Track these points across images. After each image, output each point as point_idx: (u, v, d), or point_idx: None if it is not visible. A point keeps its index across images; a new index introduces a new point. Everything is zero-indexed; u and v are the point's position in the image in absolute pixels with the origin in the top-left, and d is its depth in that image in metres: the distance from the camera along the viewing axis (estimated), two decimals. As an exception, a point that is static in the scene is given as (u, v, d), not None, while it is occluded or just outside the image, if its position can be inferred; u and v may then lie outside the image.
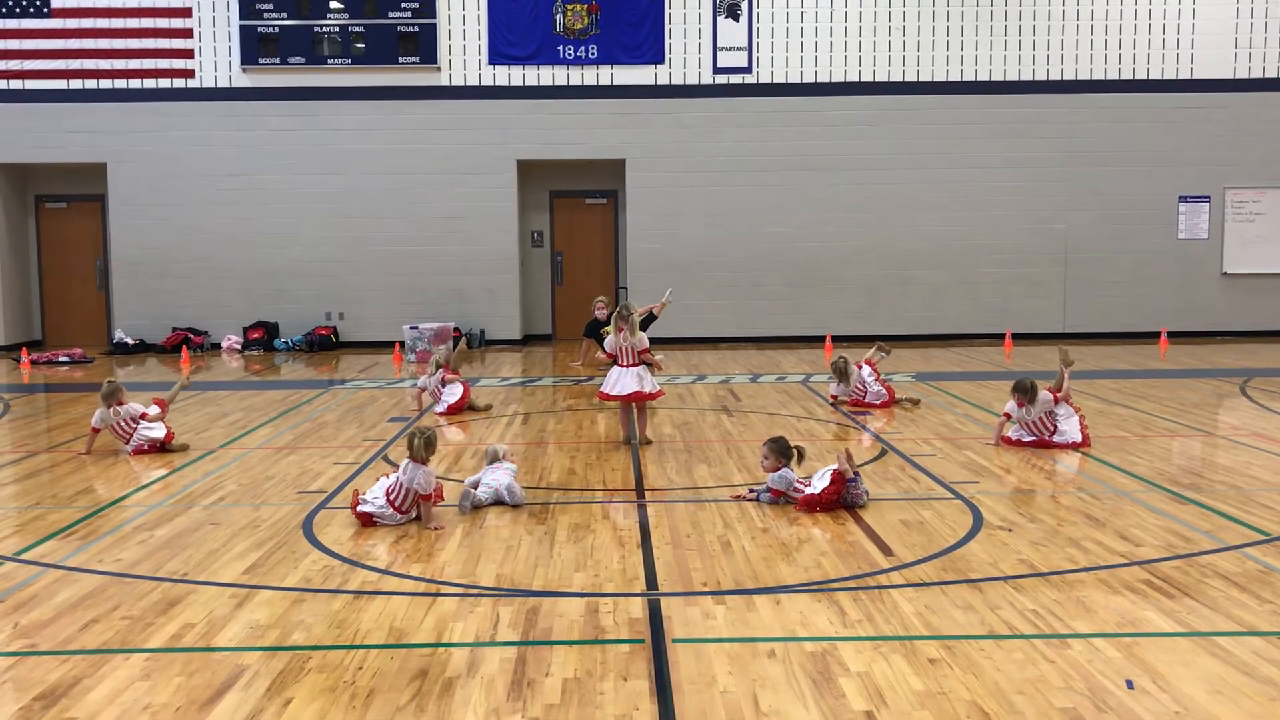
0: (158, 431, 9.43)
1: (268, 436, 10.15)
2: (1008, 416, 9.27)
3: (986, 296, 18.98)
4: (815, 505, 6.95)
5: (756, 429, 10.24)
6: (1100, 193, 18.90)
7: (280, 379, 15.10)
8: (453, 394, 11.43)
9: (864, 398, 11.46)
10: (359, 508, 6.79)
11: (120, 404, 9.42)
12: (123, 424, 9.40)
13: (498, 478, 7.34)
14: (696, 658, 4.56)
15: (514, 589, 5.53)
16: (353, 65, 18.47)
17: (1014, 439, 9.25)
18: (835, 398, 11.73)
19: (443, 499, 7.17)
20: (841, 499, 7.01)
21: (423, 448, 6.81)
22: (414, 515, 6.84)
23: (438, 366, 11.73)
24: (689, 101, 18.70)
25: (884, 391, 11.45)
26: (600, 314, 15.14)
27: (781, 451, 7.28)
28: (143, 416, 9.46)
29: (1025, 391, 9.12)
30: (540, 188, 19.63)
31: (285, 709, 4.12)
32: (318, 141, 18.63)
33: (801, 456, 7.36)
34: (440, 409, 11.33)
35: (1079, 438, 9.13)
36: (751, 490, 7.44)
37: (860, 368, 11.60)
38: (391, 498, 6.77)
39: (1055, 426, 9.15)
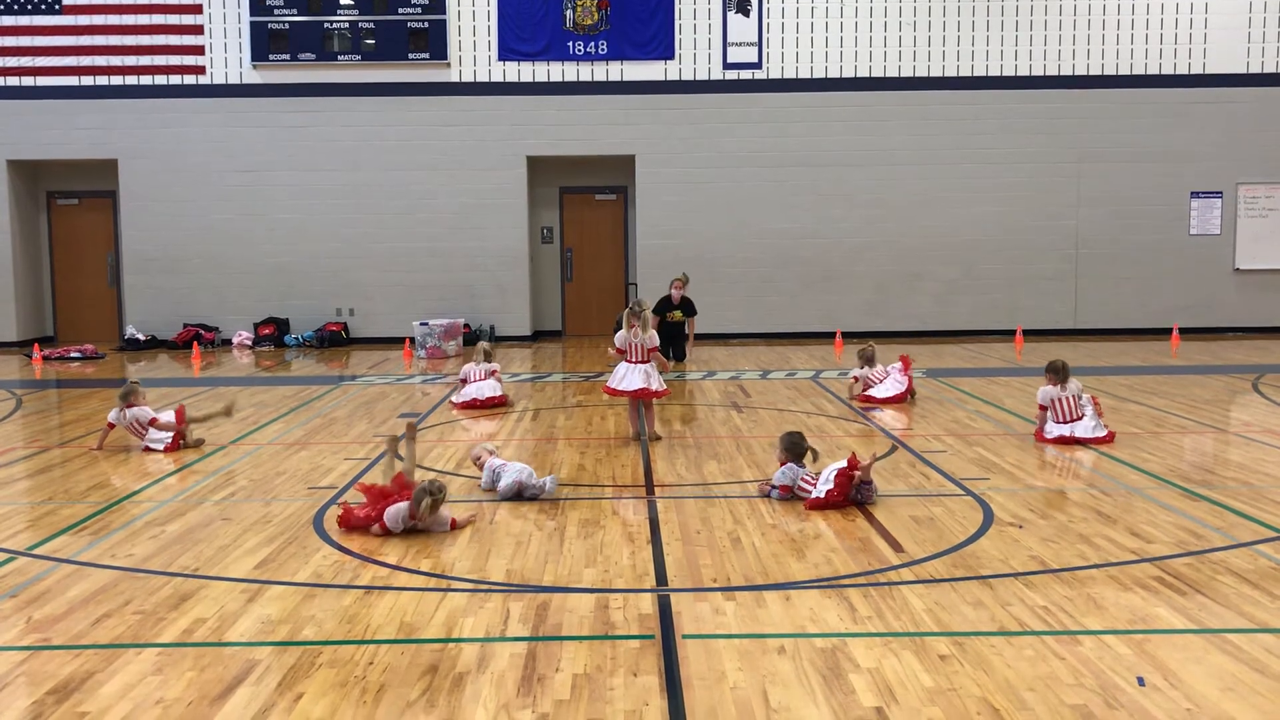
0: (159, 445, 9.16)
1: (278, 432, 10.18)
2: (1044, 409, 9.23)
3: (997, 292, 18.93)
4: (823, 507, 6.92)
5: (766, 425, 10.23)
6: (1112, 188, 18.83)
7: (291, 375, 15.14)
8: (494, 390, 11.55)
9: (881, 381, 11.49)
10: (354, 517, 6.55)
11: (131, 406, 9.26)
12: (134, 425, 9.32)
13: (515, 475, 7.35)
14: (706, 653, 4.56)
15: (524, 584, 5.53)
16: (363, 61, 18.49)
17: (1049, 436, 9.18)
18: (856, 379, 11.72)
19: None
20: (850, 496, 6.99)
21: (429, 510, 6.38)
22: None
23: (487, 356, 11.83)
24: (699, 97, 18.68)
25: (904, 380, 11.44)
26: (675, 294, 15.15)
27: (788, 448, 7.28)
28: (152, 423, 9.23)
29: (1058, 371, 9.17)
30: (550, 184, 19.64)
31: (296, 704, 4.13)
32: (328, 138, 18.66)
33: (815, 457, 7.34)
34: (481, 396, 11.40)
35: (1104, 433, 9.12)
36: (767, 483, 7.40)
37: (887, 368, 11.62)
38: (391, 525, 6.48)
39: (1083, 414, 9.14)
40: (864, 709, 4.01)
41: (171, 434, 9.24)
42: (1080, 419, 9.12)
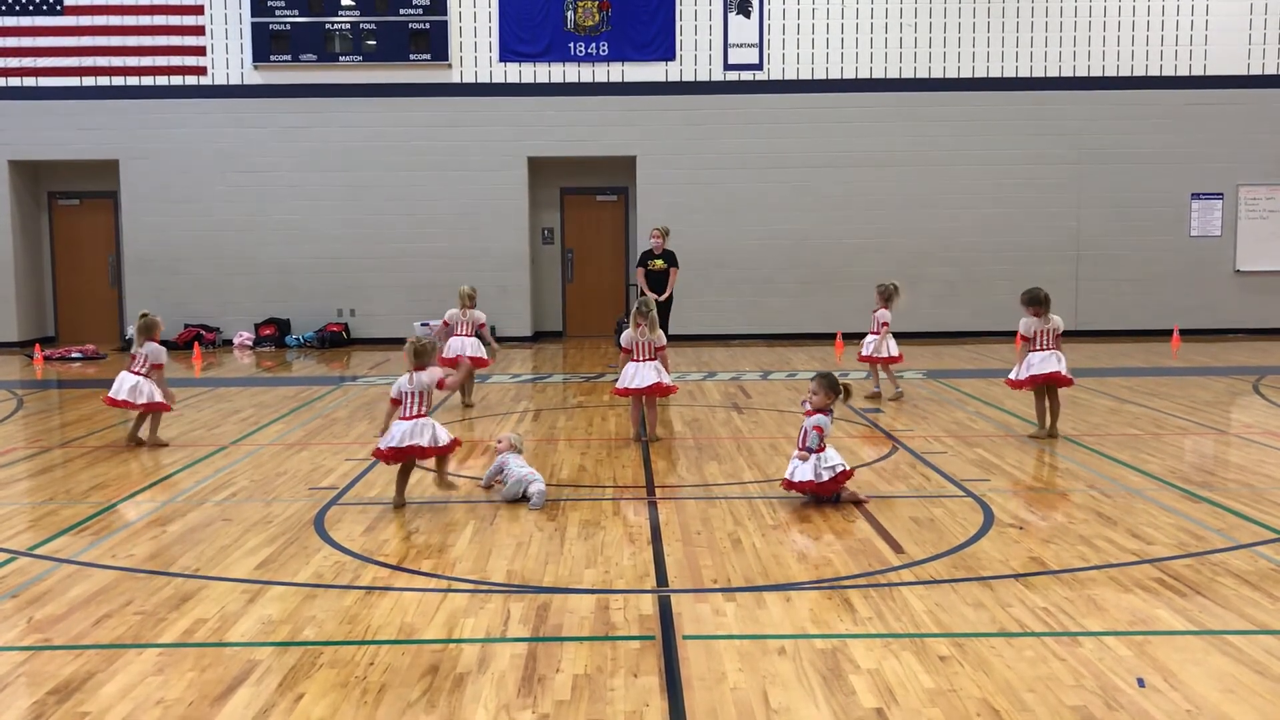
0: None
1: (279, 433, 10.19)
2: (1024, 339, 9.22)
3: (998, 294, 18.89)
4: (804, 490, 7.00)
5: (767, 426, 10.24)
6: (1112, 190, 18.84)
7: (291, 375, 15.14)
8: (476, 349, 11.44)
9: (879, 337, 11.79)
10: (382, 444, 7.17)
11: (153, 340, 9.51)
12: (152, 367, 9.46)
13: (526, 474, 7.40)
14: (707, 654, 4.57)
15: (525, 585, 5.54)
16: (364, 62, 18.50)
17: (1023, 379, 9.24)
18: (875, 331, 11.94)
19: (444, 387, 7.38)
20: (830, 498, 7.04)
21: (413, 355, 7.22)
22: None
23: (471, 301, 11.55)
24: (700, 98, 18.69)
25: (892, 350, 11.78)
26: (655, 244, 14.58)
27: (831, 386, 7.21)
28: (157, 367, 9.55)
29: (1042, 302, 9.14)
30: (551, 185, 19.65)
31: (296, 704, 4.13)
32: (329, 138, 18.67)
33: (848, 395, 7.34)
34: (465, 353, 11.31)
35: (1065, 369, 9.19)
36: (803, 402, 7.35)
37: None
38: (406, 413, 7.15)
39: (1057, 346, 9.18)
40: (864, 710, 4.02)
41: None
42: (1054, 347, 9.15)
